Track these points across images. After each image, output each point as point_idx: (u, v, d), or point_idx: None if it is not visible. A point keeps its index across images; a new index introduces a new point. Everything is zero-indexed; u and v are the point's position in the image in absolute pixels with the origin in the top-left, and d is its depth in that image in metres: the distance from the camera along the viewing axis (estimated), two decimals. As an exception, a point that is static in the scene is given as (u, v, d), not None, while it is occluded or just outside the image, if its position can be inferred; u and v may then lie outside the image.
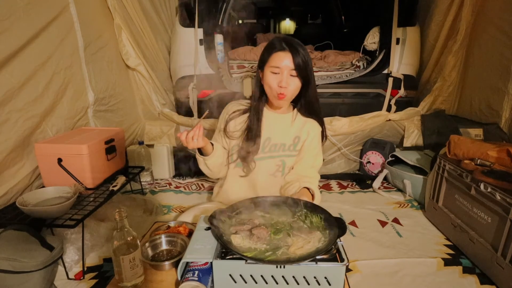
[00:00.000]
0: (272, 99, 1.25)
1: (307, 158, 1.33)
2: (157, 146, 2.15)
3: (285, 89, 1.18)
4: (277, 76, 1.19)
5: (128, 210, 1.60)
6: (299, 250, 0.85)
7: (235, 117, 1.32)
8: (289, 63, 1.16)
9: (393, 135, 2.21)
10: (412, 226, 1.58)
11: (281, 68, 1.17)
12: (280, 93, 1.19)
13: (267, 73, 1.20)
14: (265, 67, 1.21)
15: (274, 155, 1.31)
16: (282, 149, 1.31)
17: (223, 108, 1.39)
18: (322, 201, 1.48)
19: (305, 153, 1.33)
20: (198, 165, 1.30)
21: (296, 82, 1.20)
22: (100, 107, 1.82)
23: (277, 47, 1.18)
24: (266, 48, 1.23)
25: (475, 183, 1.27)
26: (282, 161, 1.32)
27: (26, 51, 1.30)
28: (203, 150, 1.24)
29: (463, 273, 1.24)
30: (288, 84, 1.18)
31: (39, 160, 1.34)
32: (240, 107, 1.34)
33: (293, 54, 1.15)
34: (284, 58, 1.16)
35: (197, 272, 0.84)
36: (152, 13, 2.22)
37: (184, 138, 1.08)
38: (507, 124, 1.85)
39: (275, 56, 1.18)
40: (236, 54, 2.45)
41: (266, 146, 1.30)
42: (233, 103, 1.38)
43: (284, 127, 1.32)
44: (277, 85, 1.18)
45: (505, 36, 1.84)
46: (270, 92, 1.23)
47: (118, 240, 0.87)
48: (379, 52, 2.18)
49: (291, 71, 1.17)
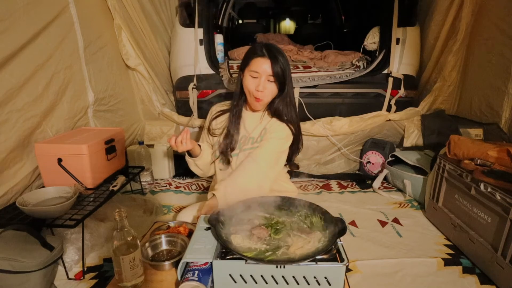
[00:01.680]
0: (250, 102, 1.32)
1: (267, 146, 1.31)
2: (157, 146, 2.15)
3: (261, 93, 1.25)
4: (255, 80, 1.25)
5: (128, 210, 1.60)
6: (299, 250, 0.85)
7: (217, 116, 1.42)
8: (268, 69, 1.23)
9: (393, 135, 2.21)
10: (412, 226, 1.58)
11: (260, 73, 1.23)
12: (256, 97, 1.26)
13: (247, 76, 1.27)
14: (246, 70, 1.28)
15: (245, 148, 1.35)
16: (251, 141, 1.35)
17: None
18: (322, 201, 1.47)
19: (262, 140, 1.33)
20: (189, 166, 1.40)
21: (273, 87, 1.27)
22: (100, 107, 1.82)
23: (257, 53, 1.24)
24: (248, 52, 1.29)
25: (475, 183, 1.27)
26: (250, 154, 1.33)
27: (26, 51, 1.30)
28: (191, 152, 1.34)
29: (463, 273, 1.24)
30: (264, 88, 1.25)
31: (39, 160, 1.34)
32: (223, 107, 1.45)
33: (272, 61, 1.22)
34: (263, 64, 1.23)
35: (197, 272, 0.84)
36: (152, 13, 2.22)
37: (173, 142, 1.20)
38: (507, 124, 1.85)
39: (255, 61, 1.24)
40: (236, 54, 2.45)
41: (242, 143, 1.36)
42: (217, 105, 1.50)
43: (255, 123, 1.36)
44: (254, 89, 1.25)
45: (505, 36, 1.84)
46: (248, 95, 1.30)
47: (118, 240, 0.87)
48: (379, 52, 2.18)
49: (269, 76, 1.24)
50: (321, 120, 2.04)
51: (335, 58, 2.36)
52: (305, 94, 2.08)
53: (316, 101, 2.12)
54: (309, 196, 1.92)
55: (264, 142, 1.31)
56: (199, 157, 1.35)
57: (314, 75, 2.11)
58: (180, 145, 1.21)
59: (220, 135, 1.38)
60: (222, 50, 2.36)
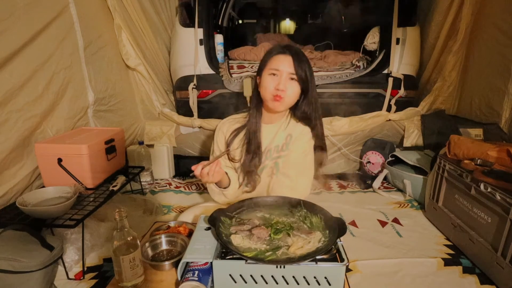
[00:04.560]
0: (267, 102, 1.18)
1: (293, 156, 1.24)
2: (157, 146, 2.15)
3: (282, 92, 1.12)
4: (275, 78, 1.14)
5: (128, 210, 1.60)
6: (299, 250, 0.85)
7: (233, 136, 1.26)
8: (289, 66, 1.12)
9: (393, 135, 2.21)
10: (412, 226, 1.58)
11: (280, 71, 1.13)
12: (276, 95, 1.13)
13: (265, 75, 1.16)
14: (264, 70, 1.17)
15: (272, 157, 1.27)
16: (276, 150, 1.26)
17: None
18: (322, 201, 1.47)
19: (291, 151, 1.25)
20: (212, 196, 1.24)
21: (295, 87, 1.15)
22: (100, 107, 1.82)
23: (277, 50, 1.16)
24: (266, 53, 1.20)
25: (475, 183, 1.27)
26: (276, 163, 1.27)
27: (26, 51, 1.30)
28: (218, 183, 1.20)
29: (463, 273, 1.24)
30: (286, 87, 1.13)
31: (39, 160, 1.34)
32: (236, 124, 1.28)
33: (294, 58, 1.12)
34: (284, 61, 1.13)
35: (197, 272, 0.84)
36: (152, 13, 2.22)
37: (198, 173, 1.02)
38: (507, 124, 1.85)
39: (275, 58, 1.15)
40: (236, 54, 2.44)
41: (265, 156, 1.27)
42: (226, 122, 1.31)
43: (278, 131, 1.26)
44: (274, 88, 1.13)
45: (505, 36, 1.84)
46: (265, 95, 1.16)
47: (118, 240, 0.87)
48: (379, 52, 2.18)
49: (291, 74, 1.13)
50: (321, 120, 2.04)
51: (335, 58, 2.36)
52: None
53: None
54: (309, 196, 1.91)
55: (289, 153, 1.21)
56: (230, 187, 1.19)
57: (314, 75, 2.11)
58: (206, 176, 1.03)
59: (239, 155, 1.25)
60: (222, 50, 2.36)
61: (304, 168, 1.25)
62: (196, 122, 2.12)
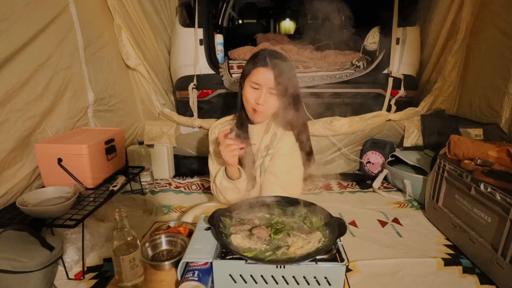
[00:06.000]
0: (248, 112, 1.23)
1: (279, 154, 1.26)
2: (157, 146, 2.15)
3: (262, 106, 1.16)
4: (256, 92, 1.16)
5: (128, 210, 1.60)
6: (299, 250, 0.85)
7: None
8: (270, 81, 1.13)
9: (393, 135, 2.21)
10: (412, 226, 1.58)
11: (261, 86, 1.15)
12: (255, 108, 1.17)
13: (247, 86, 1.19)
14: (246, 80, 1.19)
15: (263, 155, 1.29)
16: (265, 149, 1.28)
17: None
18: (322, 201, 1.47)
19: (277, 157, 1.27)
20: (224, 195, 1.23)
21: (274, 101, 1.18)
22: (100, 107, 1.82)
23: (260, 62, 1.15)
24: (250, 60, 1.21)
25: (475, 183, 1.27)
26: (262, 162, 1.29)
27: (26, 51, 1.30)
28: (228, 172, 1.20)
29: (463, 273, 1.24)
30: (265, 102, 1.15)
31: (39, 160, 1.34)
32: (227, 127, 1.31)
33: (275, 72, 1.12)
34: (264, 75, 1.13)
35: (197, 272, 0.83)
36: (152, 13, 2.22)
37: (222, 136, 1.09)
38: (507, 124, 1.85)
39: (257, 71, 1.15)
40: (236, 54, 2.44)
41: (256, 156, 1.29)
42: (218, 125, 1.35)
43: (265, 131, 1.30)
44: (254, 101, 1.16)
45: (505, 36, 1.84)
46: (246, 105, 1.22)
47: (118, 240, 0.87)
48: (379, 52, 2.18)
49: (271, 89, 1.15)
50: (321, 120, 2.04)
51: (335, 58, 2.36)
52: (305, 94, 2.08)
53: (316, 101, 2.12)
54: (309, 196, 1.91)
55: (275, 155, 1.25)
56: (242, 178, 1.20)
57: (314, 75, 2.12)
58: (227, 148, 1.08)
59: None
60: (222, 50, 2.36)
61: (292, 166, 1.27)
62: (196, 122, 2.12)
